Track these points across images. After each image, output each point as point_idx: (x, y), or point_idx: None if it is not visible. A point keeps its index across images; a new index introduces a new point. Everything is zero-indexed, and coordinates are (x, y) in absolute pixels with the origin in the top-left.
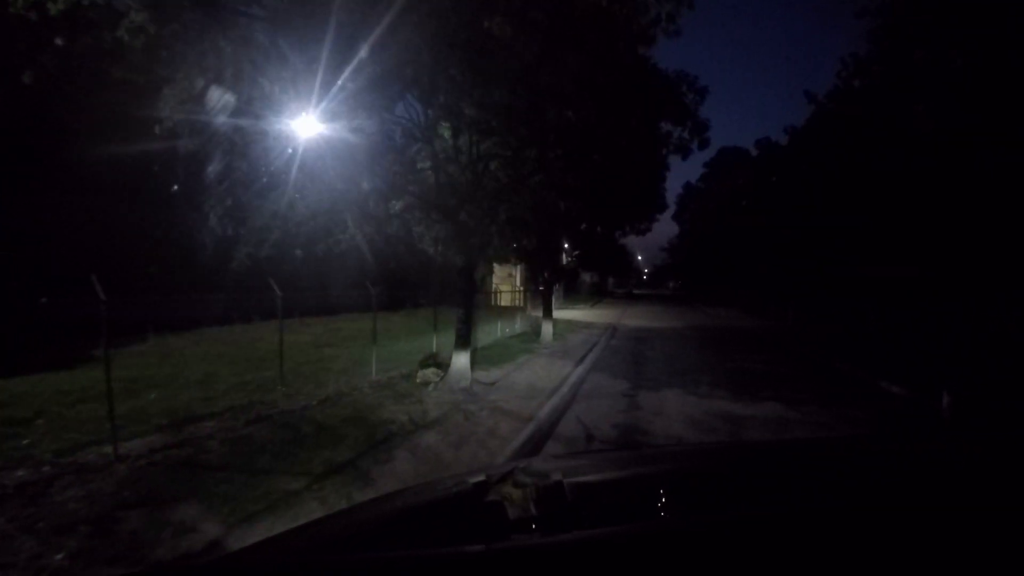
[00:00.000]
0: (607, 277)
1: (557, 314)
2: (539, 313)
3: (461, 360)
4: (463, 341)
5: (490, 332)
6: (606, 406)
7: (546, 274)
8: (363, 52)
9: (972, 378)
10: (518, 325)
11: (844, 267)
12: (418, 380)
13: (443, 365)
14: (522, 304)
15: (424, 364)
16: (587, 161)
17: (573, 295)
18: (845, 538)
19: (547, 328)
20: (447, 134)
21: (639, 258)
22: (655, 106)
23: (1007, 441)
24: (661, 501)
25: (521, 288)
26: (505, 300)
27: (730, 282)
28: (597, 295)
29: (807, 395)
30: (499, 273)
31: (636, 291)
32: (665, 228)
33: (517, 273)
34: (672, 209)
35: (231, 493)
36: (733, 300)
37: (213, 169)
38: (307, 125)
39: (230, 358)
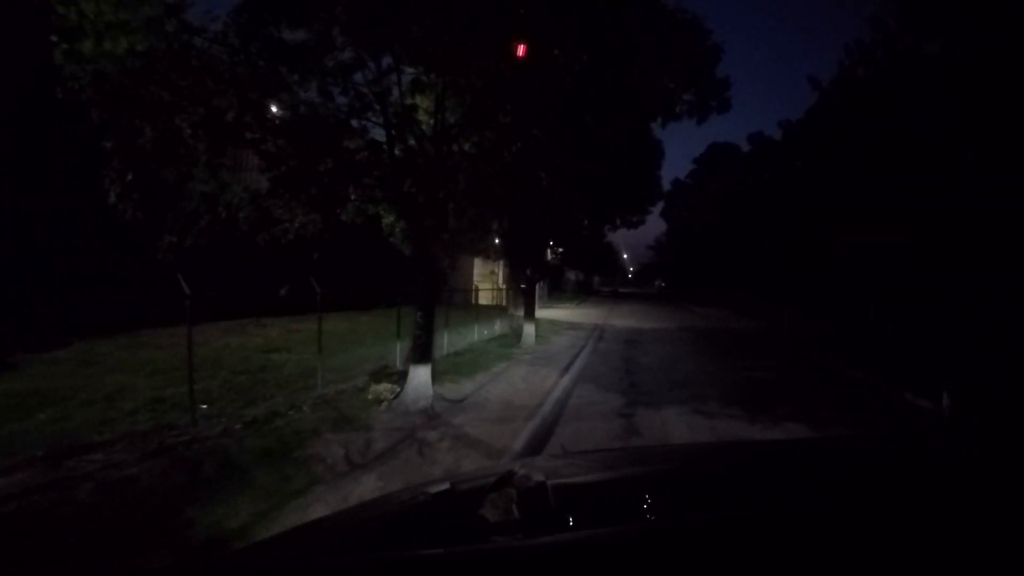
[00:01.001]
0: (592, 275)
1: (541, 314)
2: (521, 313)
3: (420, 375)
4: (422, 352)
5: (466, 335)
6: (598, 431)
7: (529, 271)
8: None
9: (971, 378)
10: (498, 327)
11: (843, 264)
12: (370, 396)
13: (403, 375)
14: (504, 303)
15: (378, 377)
16: (578, 124)
17: (558, 293)
18: (839, 538)
19: (529, 330)
20: (397, 92)
21: (624, 256)
22: (661, 53)
23: (1007, 441)
24: (660, 501)
25: (503, 286)
26: (486, 299)
27: (720, 280)
28: (582, 293)
29: (829, 411)
30: (480, 271)
31: (622, 289)
32: (652, 226)
33: (499, 271)
34: (660, 206)
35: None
36: (722, 299)
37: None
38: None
39: (158, 366)
